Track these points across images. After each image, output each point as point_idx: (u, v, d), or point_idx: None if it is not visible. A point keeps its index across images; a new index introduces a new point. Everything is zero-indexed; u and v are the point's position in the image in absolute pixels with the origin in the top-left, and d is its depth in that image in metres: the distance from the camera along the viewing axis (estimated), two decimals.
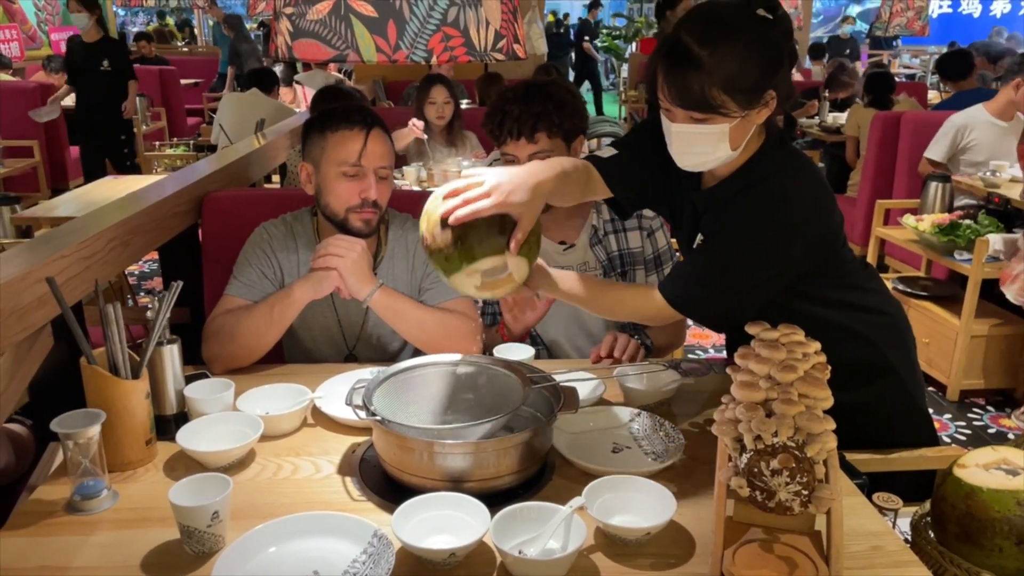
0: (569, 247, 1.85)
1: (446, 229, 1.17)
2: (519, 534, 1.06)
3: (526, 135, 1.69)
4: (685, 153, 1.32)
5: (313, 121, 1.69)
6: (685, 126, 1.28)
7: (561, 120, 1.71)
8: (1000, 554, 1.08)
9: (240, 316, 1.59)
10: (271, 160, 3.01)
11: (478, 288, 1.23)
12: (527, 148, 1.70)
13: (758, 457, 0.99)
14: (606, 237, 1.86)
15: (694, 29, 1.24)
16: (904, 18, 5.66)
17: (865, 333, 1.49)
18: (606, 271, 1.85)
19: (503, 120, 1.71)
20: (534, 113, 1.68)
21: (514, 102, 1.70)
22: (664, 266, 1.90)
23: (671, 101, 1.27)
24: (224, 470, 1.24)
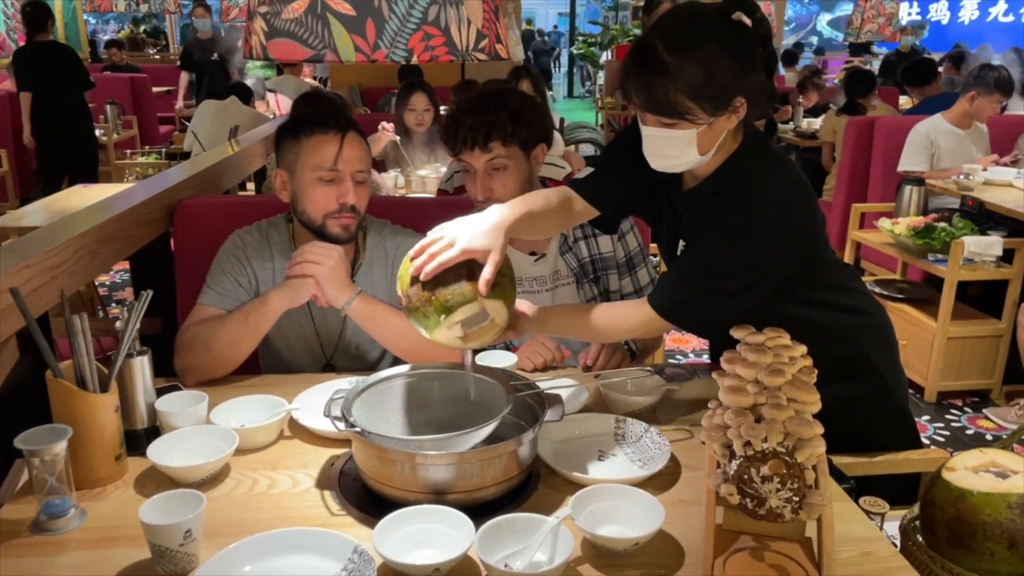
0: (540, 257, 1.83)
1: (417, 287, 1.20)
2: (505, 547, 1.03)
3: (479, 144, 1.67)
4: (656, 156, 1.32)
5: (286, 127, 1.65)
6: (655, 130, 1.28)
7: (516, 129, 1.68)
8: (992, 558, 1.07)
9: (214, 326, 1.55)
10: (245, 167, 2.96)
11: (463, 340, 1.23)
12: (482, 157, 1.69)
13: (748, 463, 0.97)
14: (576, 244, 1.84)
15: (665, 33, 1.24)
16: (875, 24, 5.74)
17: (848, 334, 1.48)
18: (578, 278, 1.82)
19: (457, 130, 1.69)
20: (487, 121, 1.66)
21: (467, 111, 1.68)
22: (637, 268, 1.88)
23: (639, 105, 1.27)
24: (197, 486, 1.19)
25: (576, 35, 15.69)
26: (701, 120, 1.24)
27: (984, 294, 3.60)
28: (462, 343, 1.24)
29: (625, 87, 1.29)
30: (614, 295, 1.86)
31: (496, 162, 1.69)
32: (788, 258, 1.35)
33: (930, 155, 4.03)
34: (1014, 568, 1.06)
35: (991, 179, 3.83)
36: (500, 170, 1.70)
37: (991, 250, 3.21)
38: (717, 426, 1.04)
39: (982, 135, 4.16)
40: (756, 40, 1.26)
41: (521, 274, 1.81)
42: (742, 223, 1.32)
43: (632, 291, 1.87)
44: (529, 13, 18.85)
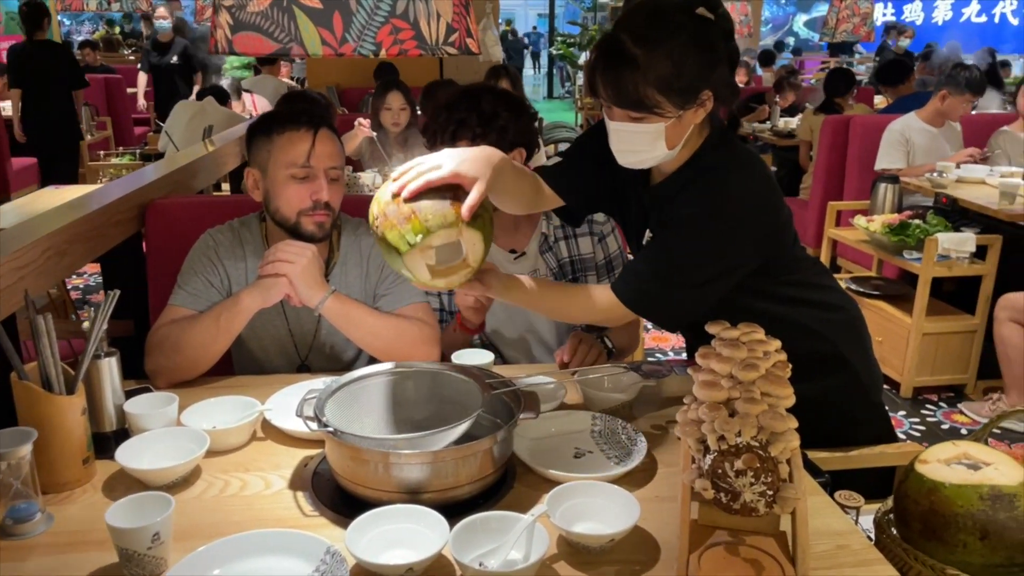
0: (520, 255, 1.82)
1: (397, 202, 1.14)
2: (479, 546, 1.02)
3: (446, 143, 1.65)
4: (623, 151, 1.32)
5: (257, 125, 1.63)
6: (623, 124, 1.28)
7: (485, 131, 1.64)
8: (964, 550, 1.07)
9: (185, 327, 1.52)
10: (219, 167, 2.93)
11: (432, 271, 1.17)
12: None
13: (722, 458, 0.97)
14: (556, 244, 1.83)
15: (631, 27, 1.23)
16: (850, 24, 5.80)
17: (820, 328, 1.49)
18: (557, 278, 1.82)
19: (432, 125, 1.69)
20: (456, 120, 1.65)
21: (443, 108, 1.67)
22: (615, 271, 1.88)
23: (607, 99, 1.26)
24: (167, 488, 1.17)
25: (555, 36, 15.72)
26: (669, 114, 1.24)
27: (958, 290, 3.64)
28: (430, 278, 1.18)
29: (592, 82, 1.28)
30: None
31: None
32: (754, 252, 1.35)
33: (906, 152, 4.08)
34: (987, 559, 1.07)
35: (964, 177, 3.87)
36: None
37: (964, 246, 3.25)
38: (691, 421, 1.04)
39: (955, 133, 4.22)
40: (720, 35, 1.27)
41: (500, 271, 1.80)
42: (708, 215, 1.32)
43: None
44: (508, 14, 18.85)
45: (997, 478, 1.09)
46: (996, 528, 1.05)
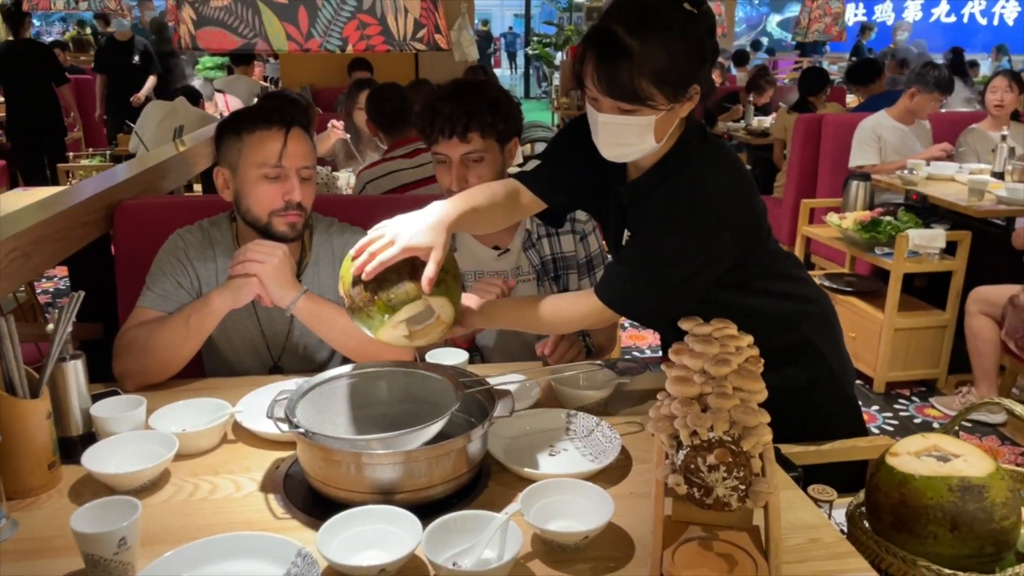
0: (503, 252, 1.82)
1: (360, 287, 1.18)
2: (453, 545, 1.01)
3: (458, 134, 1.63)
4: (610, 144, 1.31)
5: (227, 123, 1.61)
6: (612, 117, 1.27)
7: (495, 120, 1.66)
8: (935, 541, 1.08)
9: (153, 328, 1.50)
10: (190, 167, 2.89)
11: (408, 338, 1.22)
12: (459, 148, 1.65)
13: (695, 453, 0.97)
14: (539, 241, 1.83)
15: (624, 19, 1.23)
16: (822, 24, 5.86)
17: (793, 321, 1.50)
18: (539, 275, 1.82)
19: (434, 118, 1.64)
20: (467, 111, 1.63)
21: (446, 99, 1.64)
22: (596, 270, 1.88)
23: (600, 91, 1.25)
24: (135, 493, 1.15)
25: (531, 36, 15.73)
26: (661, 106, 1.24)
27: (929, 286, 3.69)
28: (408, 341, 1.22)
29: (582, 74, 1.27)
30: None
31: (473, 155, 1.65)
32: (732, 246, 1.36)
33: (878, 149, 4.13)
34: (957, 550, 1.08)
35: (934, 174, 3.93)
36: (477, 163, 1.67)
37: (935, 243, 3.29)
38: (664, 416, 1.04)
39: (925, 131, 4.27)
40: (705, 30, 1.27)
41: (484, 268, 1.80)
42: (686, 212, 1.32)
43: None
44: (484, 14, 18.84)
45: (966, 470, 1.10)
46: (966, 519, 1.06)
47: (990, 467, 1.10)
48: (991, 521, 1.06)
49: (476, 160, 1.67)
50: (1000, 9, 12.67)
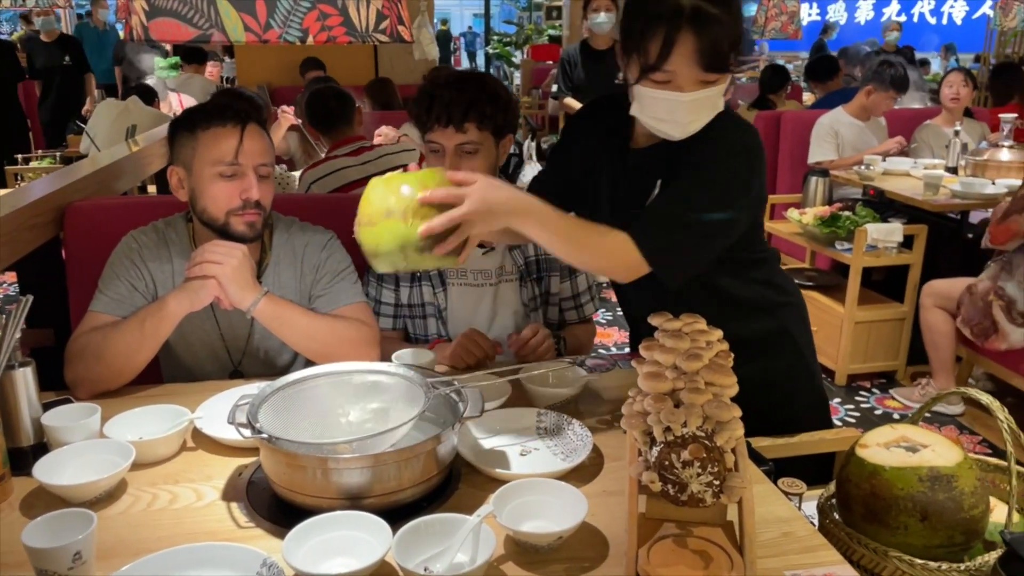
0: (489, 250, 1.77)
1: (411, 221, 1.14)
2: (424, 550, 0.99)
3: (455, 123, 1.59)
4: (691, 121, 1.30)
5: (180, 120, 1.55)
6: (697, 92, 1.26)
7: (494, 112, 1.62)
8: (905, 532, 1.09)
9: (107, 334, 1.44)
10: (144, 168, 2.81)
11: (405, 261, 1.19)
12: (455, 137, 1.60)
13: (668, 449, 0.96)
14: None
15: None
16: (778, 22, 5.93)
17: (774, 310, 1.54)
18: (522, 276, 1.79)
19: (432, 105, 1.59)
20: (466, 100, 1.58)
21: (446, 87, 1.60)
22: (577, 274, 1.86)
23: (703, 67, 1.24)
24: (91, 504, 1.11)
25: (491, 35, 15.70)
26: (733, 69, 1.27)
27: (887, 279, 3.75)
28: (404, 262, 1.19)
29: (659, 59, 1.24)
30: (553, 297, 1.83)
31: (468, 146, 1.61)
32: (749, 211, 1.38)
33: (835, 145, 4.20)
34: (927, 540, 1.08)
35: (890, 169, 4.00)
36: (471, 154, 1.62)
37: (892, 236, 3.35)
38: (637, 413, 1.02)
39: (881, 127, 4.35)
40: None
41: (468, 265, 1.76)
42: (723, 158, 1.33)
43: (569, 295, 1.86)
44: (443, 13, 18.75)
45: (935, 460, 1.11)
46: (935, 509, 1.07)
47: (958, 456, 1.11)
48: (960, 510, 1.07)
49: (471, 152, 1.62)
50: (949, 8, 12.99)
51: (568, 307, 1.87)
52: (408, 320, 1.81)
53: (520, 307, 1.79)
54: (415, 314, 1.79)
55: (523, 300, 1.79)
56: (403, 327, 1.83)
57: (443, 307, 1.76)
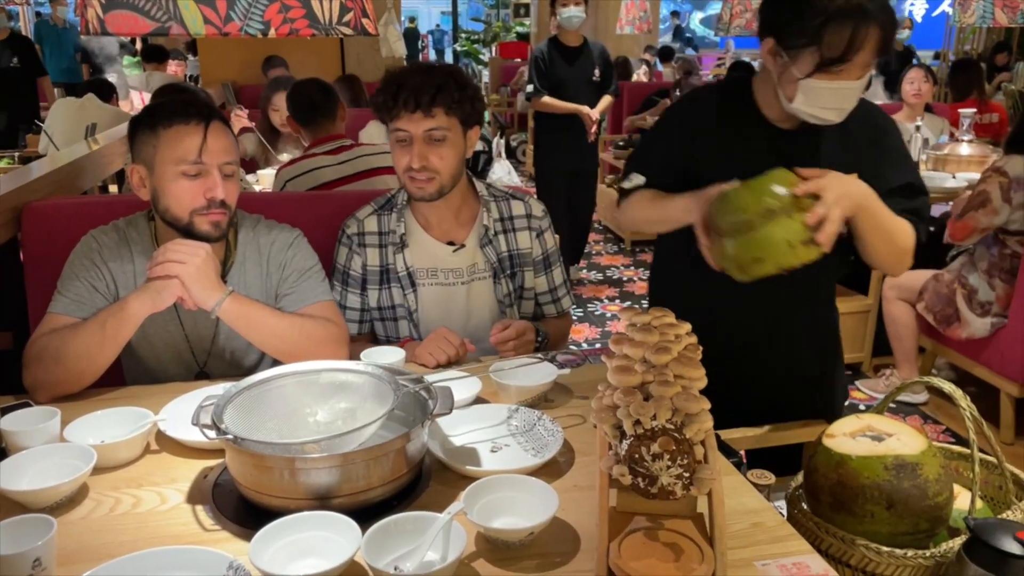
0: (459, 248, 1.75)
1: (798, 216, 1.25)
2: (394, 549, 0.98)
3: (423, 107, 1.57)
4: (844, 109, 1.39)
5: (141, 118, 1.52)
6: (863, 80, 1.36)
7: (462, 100, 1.61)
8: (872, 520, 1.10)
9: (66, 336, 1.41)
10: (105, 167, 2.75)
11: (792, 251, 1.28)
12: (423, 123, 1.59)
13: (638, 442, 0.96)
14: (496, 237, 1.77)
15: None
16: (743, 19, 5.98)
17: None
18: (496, 273, 1.77)
19: (398, 90, 1.58)
20: (435, 85, 1.58)
21: (413, 73, 1.59)
22: (552, 267, 1.85)
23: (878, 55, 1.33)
24: (51, 510, 1.08)
25: (459, 33, 15.67)
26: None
27: (851, 272, 3.81)
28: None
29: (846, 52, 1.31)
30: (527, 292, 1.83)
31: (436, 132, 1.60)
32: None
33: None
34: (893, 528, 1.10)
35: None
36: (439, 142, 1.61)
37: None
38: (607, 407, 1.02)
39: None
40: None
41: (438, 264, 1.74)
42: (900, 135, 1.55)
43: (546, 290, 1.85)
44: (410, 11, 18.65)
45: (900, 448, 1.12)
46: (901, 497, 1.09)
47: (923, 445, 1.13)
48: (925, 498, 1.08)
49: (439, 139, 1.61)
50: (909, 6, 13.23)
51: (546, 301, 1.87)
52: (378, 323, 1.79)
53: (495, 304, 1.78)
54: (385, 316, 1.77)
55: (498, 297, 1.78)
56: (369, 331, 1.80)
57: (414, 309, 1.74)
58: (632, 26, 7.96)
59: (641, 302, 4.63)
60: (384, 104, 1.62)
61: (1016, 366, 2.90)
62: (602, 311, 4.48)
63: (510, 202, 1.80)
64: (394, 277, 1.74)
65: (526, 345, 1.66)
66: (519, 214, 1.80)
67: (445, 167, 1.63)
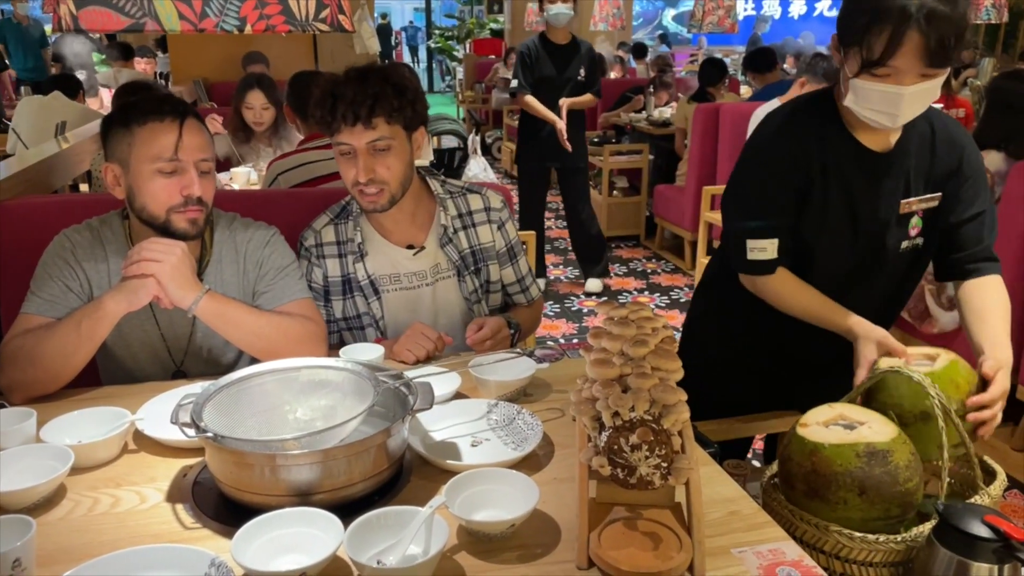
0: (419, 250, 1.73)
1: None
2: (376, 543, 0.98)
3: (363, 119, 1.55)
4: (906, 113, 1.35)
5: (114, 116, 1.50)
6: (918, 86, 1.30)
7: (401, 105, 1.58)
8: (845, 506, 1.13)
9: (41, 336, 1.40)
10: (76, 165, 2.71)
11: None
12: (364, 135, 1.56)
13: (617, 434, 0.98)
14: (456, 235, 1.76)
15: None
16: (715, 16, 6.04)
17: None
18: (459, 271, 1.76)
19: (335, 104, 1.55)
20: (371, 94, 1.54)
21: (347, 84, 1.55)
22: (517, 257, 1.84)
23: (929, 64, 1.28)
24: (29, 511, 1.07)
25: (433, 29, 15.63)
26: (957, 61, 1.35)
27: None
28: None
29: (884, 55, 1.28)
30: (494, 285, 1.83)
31: (380, 143, 1.57)
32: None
33: None
34: (866, 514, 1.12)
35: None
36: (384, 152, 1.59)
37: None
38: (586, 400, 1.04)
39: None
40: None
41: (399, 269, 1.73)
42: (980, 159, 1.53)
43: (514, 280, 1.86)
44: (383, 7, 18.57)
45: (871, 436, 1.15)
46: (872, 483, 1.11)
47: (893, 432, 1.15)
48: (896, 484, 1.11)
49: (383, 149, 1.59)
50: None
51: (515, 291, 1.87)
52: (346, 332, 1.78)
53: (462, 301, 1.78)
54: (352, 326, 1.76)
55: (464, 294, 1.77)
56: (338, 342, 1.77)
57: (379, 317, 1.73)
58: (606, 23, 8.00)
59: (617, 297, 4.66)
60: (323, 119, 1.58)
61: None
62: (579, 307, 4.50)
63: (467, 196, 1.79)
64: (356, 286, 1.72)
65: (503, 342, 1.67)
66: (477, 208, 1.78)
67: (393, 176, 1.61)
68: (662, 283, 4.95)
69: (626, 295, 4.73)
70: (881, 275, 1.53)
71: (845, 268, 1.52)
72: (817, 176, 1.46)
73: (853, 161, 1.46)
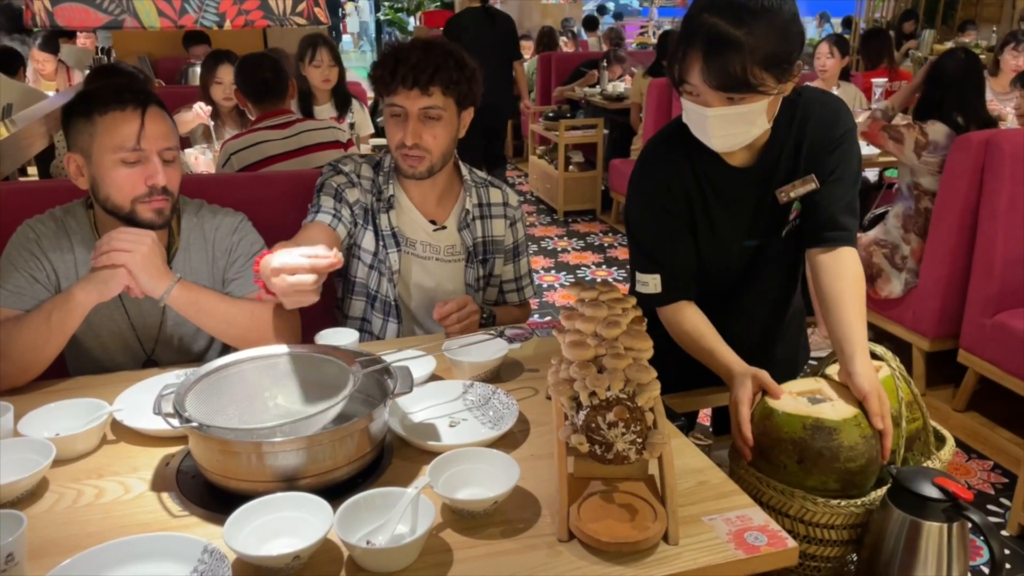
0: (440, 228, 1.76)
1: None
2: (365, 524, 1.01)
3: (420, 85, 1.58)
4: (723, 136, 1.32)
5: (75, 105, 1.47)
6: (723, 109, 1.28)
7: (460, 79, 1.62)
8: (785, 471, 1.21)
9: (10, 329, 1.38)
10: (24, 150, 2.64)
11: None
12: (419, 100, 1.59)
13: (594, 412, 1.02)
14: (474, 222, 1.79)
15: (724, 12, 1.23)
16: None
17: None
18: (470, 256, 1.79)
19: (396, 67, 1.58)
20: (433, 63, 1.58)
21: (411, 49, 1.59)
22: (520, 257, 1.89)
23: (710, 86, 1.25)
24: (11, 505, 1.08)
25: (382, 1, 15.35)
26: (771, 90, 1.27)
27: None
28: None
29: (682, 73, 1.27)
30: (495, 279, 1.86)
31: (432, 111, 1.60)
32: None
33: None
34: (802, 481, 1.20)
35: None
36: (434, 120, 1.62)
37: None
38: (563, 380, 1.08)
39: None
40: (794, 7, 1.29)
41: (417, 236, 1.75)
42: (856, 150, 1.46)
43: (512, 278, 1.89)
44: None
45: (825, 413, 1.22)
46: (811, 455, 1.18)
47: (848, 415, 1.22)
48: (836, 460, 1.18)
49: (434, 117, 1.62)
50: None
51: (510, 289, 1.91)
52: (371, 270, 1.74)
53: (463, 288, 1.80)
54: (374, 264, 1.74)
55: (467, 281, 1.80)
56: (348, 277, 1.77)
57: (395, 268, 1.73)
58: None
59: (576, 272, 4.72)
60: (382, 78, 1.61)
61: (927, 322, 3.10)
62: (539, 282, 4.55)
63: (488, 189, 1.83)
64: (378, 230, 1.72)
65: (470, 315, 1.68)
66: (496, 202, 1.83)
67: (437, 146, 1.64)
68: (619, 256, 5.03)
69: (584, 269, 4.80)
70: (769, 266, 1.56)
71: (736, 274, 1.56)
72: (696, 196, 1.47)
73: (723, 179, 1.46)
